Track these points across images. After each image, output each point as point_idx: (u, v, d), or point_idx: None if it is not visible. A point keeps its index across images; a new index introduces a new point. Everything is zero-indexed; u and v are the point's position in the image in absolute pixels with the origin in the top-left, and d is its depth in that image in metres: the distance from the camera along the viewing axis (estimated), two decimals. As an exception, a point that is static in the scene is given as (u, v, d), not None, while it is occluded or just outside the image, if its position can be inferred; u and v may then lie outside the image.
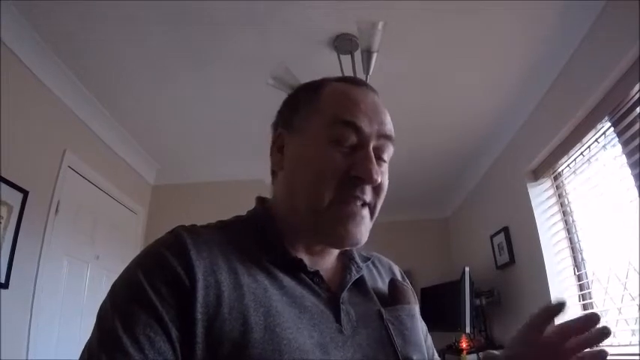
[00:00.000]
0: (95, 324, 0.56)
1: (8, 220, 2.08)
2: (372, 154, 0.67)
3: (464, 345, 3.45)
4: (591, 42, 2.20)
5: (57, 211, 2.46)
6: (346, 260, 0.77)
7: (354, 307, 0.68)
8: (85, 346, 0.54)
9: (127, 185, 3.39)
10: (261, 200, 0.78)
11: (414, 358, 0.68)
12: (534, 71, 2.61)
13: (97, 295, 2.77)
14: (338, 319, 0.64)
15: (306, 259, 0.69)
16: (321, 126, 0.69)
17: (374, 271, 0.83)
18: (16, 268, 2.09)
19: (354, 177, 0.66)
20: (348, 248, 0.71)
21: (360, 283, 0.74)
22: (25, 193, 2.18)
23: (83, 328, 2.59)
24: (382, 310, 0.71)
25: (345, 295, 0.69)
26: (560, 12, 2.16)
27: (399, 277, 0.86)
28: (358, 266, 0.76)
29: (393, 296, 0.76)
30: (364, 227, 0.68)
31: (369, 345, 0.64)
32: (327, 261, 0.75)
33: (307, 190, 0.68)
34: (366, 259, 0.81)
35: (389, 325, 0.69)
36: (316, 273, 0.68)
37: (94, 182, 2.93)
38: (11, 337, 2.06)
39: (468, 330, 3.30)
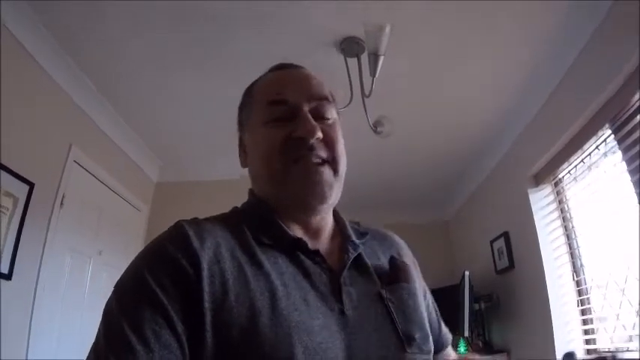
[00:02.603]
0: (101, 321, 0.56)
1: (14, 212, 2.10)
2: (308, 115, 0.72)
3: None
4: (593, 49, 2.22)
5: (62, 204, 2.48)
6: (342, 239, 0.78)
7: (354, 286, 0.69)
8: (93, 344, 0.55)
9: (130, 181, 3.41)
10: (253, 192, 0.81)
11: (416, 336, 0.68)
12: (535, 77, 2.63)
13: (99, 289, 2.78)
14: (340, 300, 0.65)
15: (304, 239, 0.70)
16: (257, 114, 0.76)
17: (375, 246, 0.82)
18: (20, 259, 2.11)
19: (295, 138, 0.70)
20: (318, 207, 0.73)
21: (359, 261, 0.74)
22: (31, 186, 2.20)
23: (84, 321, 2.60)
24: (382, 289, 0.72)
25: (345, 274, 0.69)
26: (563, 19, 2.18)
27: (405, 251, 0.87)
28: (355, 244, 0.76)
29: (394, 274, 0.76)
30: (327, 183, 0.71)
31: (370, 325, 0.65)
32: (324, 241, 0.76)
33: (262, 169, 0.74)
34: (362, 235, 0.81)
35: (389, 304, 0.70)
36: (317, 252, 0.69)
37: (99, 177, 2.95)
38: (13, 328, 2.07)
39: (466, 334, 3.31)
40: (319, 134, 0.70)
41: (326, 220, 0.78)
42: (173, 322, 0.53)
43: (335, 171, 0.73)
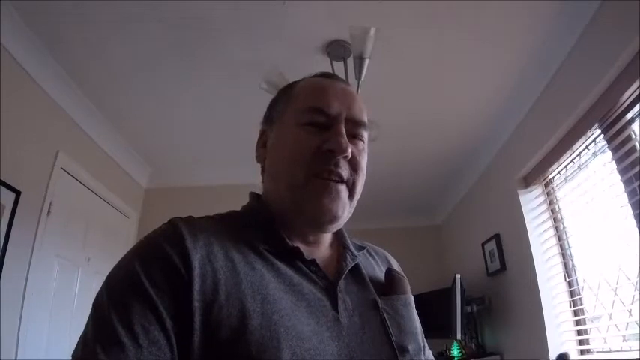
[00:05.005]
0: (90, 313, 0.56)
1: (0, 220, 2.07)
2: (343, 130, 0.70)
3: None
4: (581, 50, 2.24)
5: (49, 212, 2.45)
6: (341, 249, 0.78)
7: (350, 295, 0.69)
8: (81, 335, 0.54)
9: (119, 188, 3.38)
10: (255, 196, 0.80)
11: (409, 347, 0.68)
12: (524, 79, 2.64)
13: (88, 296, 2.74)
14: (335, 307, 0.65)
15: (302, 248, 0.69)
16: (294, 114, 0.74)
17: (371, 259, 0.83)
18: (7, 268, 2.08)
19: (326, 151, 0.69)
20: (328, 226, 0.72)
21: (356, 271, 0.75)
22: (18, 194, 2.17)
23: (73, 329, 2.57)
24: (378, 299, 0.71)
25: (342, 283, 0.69)
26: (551, 20, 2.19)
27: (396, 267, 0.87)
28: (353, 254, 0.76)
29: (390, 285, 0.76)
30: (341, 203, 0.70)
31: (364, 333, 0.65)
32: (322, 250, 0.76)
33: (285, 170, 0.72)
34: (360, 248, 0.82)
35: (385, 314, 0.69)
36: (313, 261, 0.69)
37: (87, 184, 2.92)
38: (1, 336, 2.03)
39: (459, 336, 3.31)
40: (349, 152, 0.69)
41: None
42: (162, 318, 0.53)
43: (351, 194, 0.73)
